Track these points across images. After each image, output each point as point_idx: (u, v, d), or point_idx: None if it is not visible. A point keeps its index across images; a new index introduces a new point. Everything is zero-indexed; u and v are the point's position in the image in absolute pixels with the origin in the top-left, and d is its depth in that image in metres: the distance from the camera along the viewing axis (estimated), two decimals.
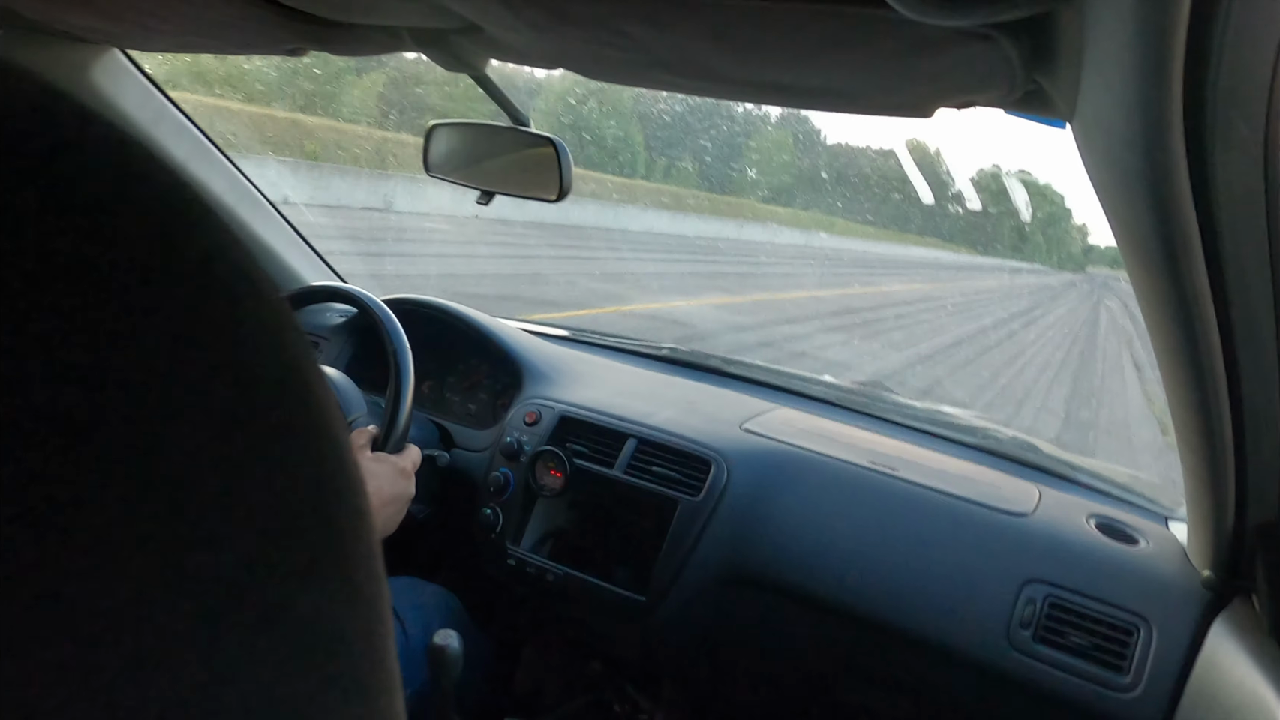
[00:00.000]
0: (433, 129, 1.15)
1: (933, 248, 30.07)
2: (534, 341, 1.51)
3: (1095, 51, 0.46)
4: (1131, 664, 0.93)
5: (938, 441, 1.35)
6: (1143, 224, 0.55)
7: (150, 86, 1.21)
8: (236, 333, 0.15)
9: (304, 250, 1.54)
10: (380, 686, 0.17)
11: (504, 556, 1.25)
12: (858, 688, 1.10)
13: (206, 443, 0.14)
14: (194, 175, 1.31)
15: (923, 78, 0.62)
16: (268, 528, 0.14)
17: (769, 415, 1.34)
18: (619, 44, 0.66)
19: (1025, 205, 29.48)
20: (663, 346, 1.64)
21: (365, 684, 0.16)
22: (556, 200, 1.05)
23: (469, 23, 0.73)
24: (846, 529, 1.11)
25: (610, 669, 1.47)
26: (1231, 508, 0.79)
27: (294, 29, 0.78)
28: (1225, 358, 0.63)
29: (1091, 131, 0.55)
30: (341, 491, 0.16)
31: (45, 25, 0.95)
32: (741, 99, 0.83)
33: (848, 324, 11.17)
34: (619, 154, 22.20)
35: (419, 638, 1.17)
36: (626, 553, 1.23)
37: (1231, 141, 0.45)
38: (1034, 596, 0.99)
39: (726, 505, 1.15)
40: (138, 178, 0.14)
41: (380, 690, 0.17)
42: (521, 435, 1.29)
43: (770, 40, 0.58)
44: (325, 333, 1.53)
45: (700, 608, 1.15)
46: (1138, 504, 1.19)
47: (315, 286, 1.43)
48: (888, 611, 1.04)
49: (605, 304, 8.47)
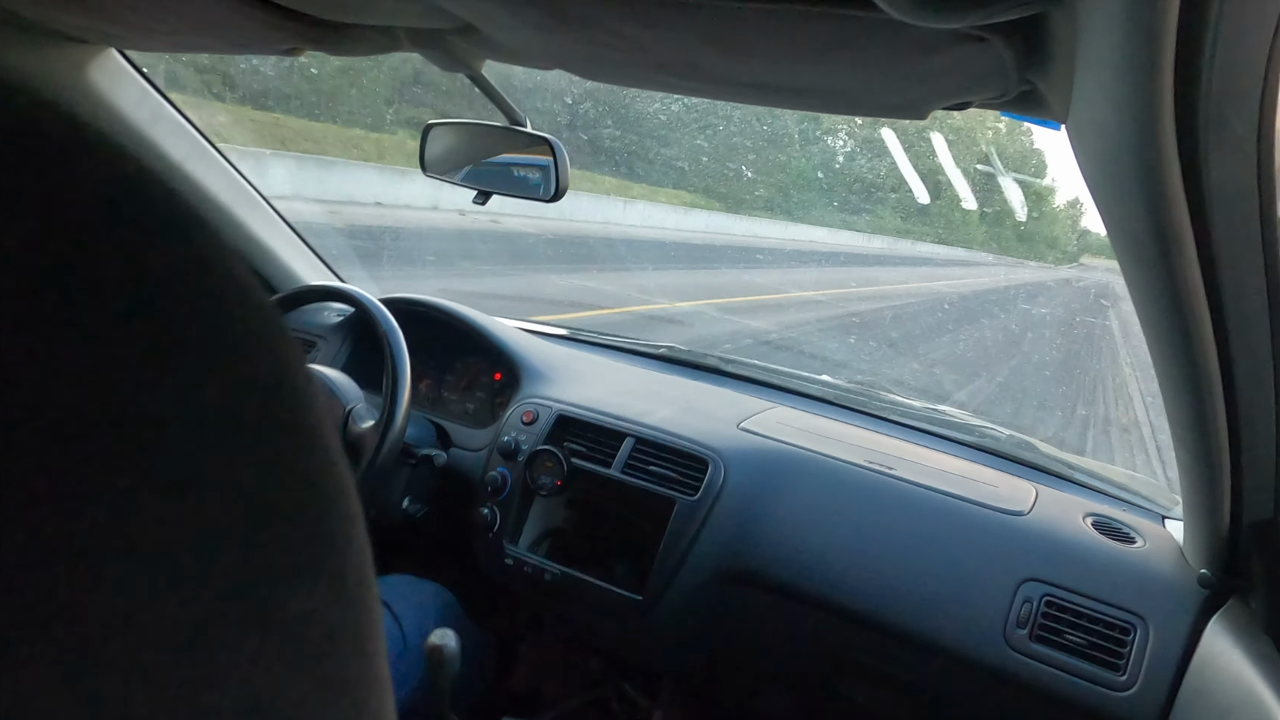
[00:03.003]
0: (429, 128, 1.15)
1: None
2: (531, 340, 1.52)
3: (1087, 52, 0.46)
4: (1128, 662, 0.93)
5: (935, 440, 1.35)
6: (1136, 223, 0.55)
7: (147, 86, 1.21)
8: (227, 338, 0.15)
9: (302, 249, 1.54)
10: (370, 687, 0.17)
11: (501, 555, 1.26)
12: (854, 686, 1.10)
13: (197, 447, 0.14)
14: (191, 175, 1.30)
15: (916, 79, 0.62)
16: (258, 530, 0.15)
17: (766, 414, 1.34)
18: (615, 45, 0.66)
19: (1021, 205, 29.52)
20: (660, 346, 1.64)
21: (355, 685, 0.16)
22: (552, 200, 1.05)
23: (465, 23, 0.73)
24: (843, 528, 1.11)
25: (608, 667, 1.47)
26: (1227, 506, 0.79)
27: (290, 29, 0.78)
28: (1220, 356, 0.63)
29: (1085, 132, 0.55)
30: (331, 494, 0.17)
31: (42, 25, 0.95)
32: (736, 100, 0.83)
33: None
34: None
35: (415, 635, 1.17)
36: (624, 552, 1.23)
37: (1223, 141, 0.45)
38: (1031, 595, 1.00)
39: (724, 504, 1.16)
40: (131, 187, 0.15)
41: (370, 690, 0.17)
42: (519, 434, 1.30)
43: (765, 42, 0.59)
44: (322, 332, 1.53)
45: (698, 606, 1.15)
46: (1134, 503, 1.19)
47: (312, 286, 1.44)
48: (884, 610, 1.04)
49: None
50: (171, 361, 0.14)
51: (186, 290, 0.15)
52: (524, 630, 1.51)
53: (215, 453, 0.14)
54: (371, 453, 1.18)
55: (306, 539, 0.16)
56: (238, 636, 0.14)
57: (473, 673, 1.26)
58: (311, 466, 0.16)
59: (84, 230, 0.13)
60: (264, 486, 0.15)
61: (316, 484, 0.16)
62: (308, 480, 0.16)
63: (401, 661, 1.14)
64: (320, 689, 0.15)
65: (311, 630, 0.15)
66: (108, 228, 0.14)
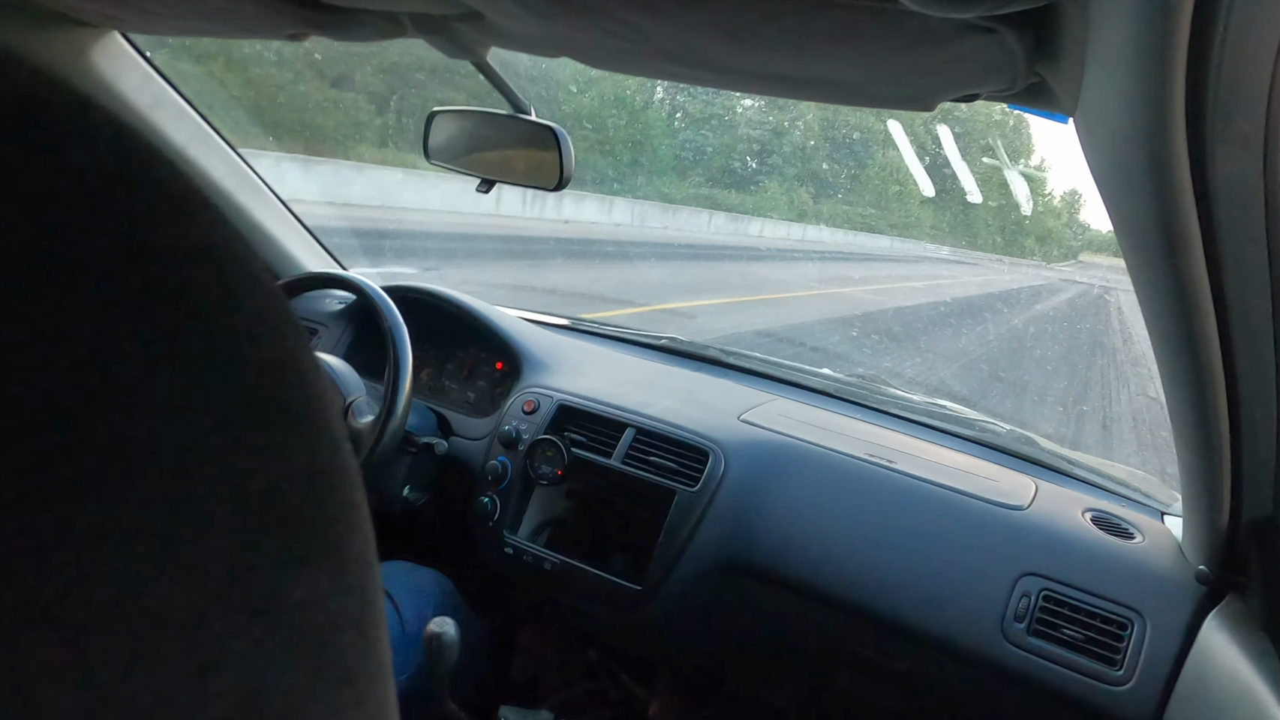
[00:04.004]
0: (433, 116, 1.14)
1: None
2: (533, 330, 1.52)
3: (1098, 45, 0.46)
4: (1125, 657, 0.93)
5: (935, 434, 1.35)
6: (1143, 218, 0.55)
7: (150, 70, 1.20)
8: (232, 321, 0.15)
9: (304, 237, 1.54)
10: (371, 674, 0.17)
11: (501, 544, 1.26)
12: (851, 678, 1.11)
13: (200, 432, 0.14)
14: (193, 160, 1.30)
15: (925, 70, 0.61)
16: (260, 517, 0.14)
17: (767, 406, 1.34)
18: (621, 33, 0.66)
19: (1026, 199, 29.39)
20: (661, 337, 1.64)
21: (356, 672, 0.16)
22: (556, 189, 1.05)
23: (471, 9, 0.72)
24: (843, 521, 1.11)
25: (606, 657, 1.48)
26: (1226, 503, 0.79)
27: (294, 13, 0.78)
28: (1223, 353, 0.63)
29: (1093, 125, 0.55)
30: (335, 481, 0.16)
31: (45, 7, 0.95)
32: (744, 90, 0.83)
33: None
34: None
35: (414, 621, 1.17)
36: (623, 542, 1.23)
37: (1232, 137, 0.45)
38: (1029, 589, 1.00)
39: (723, 496, 1.16)
40: (136, 167, 0.14)
41: (371, 678, 0.17)
42: (520, 424, 1.30)
43: (772, 31, 0.58)
44: (324, 319, 1.53)
45: (696, 597, 1.15)
46: (1133, 499, 1.19)
47: (315, 273, 1.44)
48: (882, 603, 1.05)
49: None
50: (173, 345, 0.14)
51: (189, 273, 0.14)
52: (523, 620, 1.51)
53: (217, 438, 0.14)
54: (371, 444, 1.18)
55: (310, 526, 0.15)
56: (239, 624, 0.14)
57: (471, 660, 1.26)
58: (316, 452, 0.16)
59: (83, 210, 0.13)
60: (267, 472, 0.15)
61: (320, 470, 0.16)
62: (311, 466, 0.16)
63: (400, 647, 1.15)
64: (322, 677, 0.15)
65: (314, 618, 0.15)
66: (108, 207, 0.13)
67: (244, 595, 0.14)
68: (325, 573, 0.16)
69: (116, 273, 0.13)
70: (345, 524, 0.17)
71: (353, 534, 0.17)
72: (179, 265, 0.14)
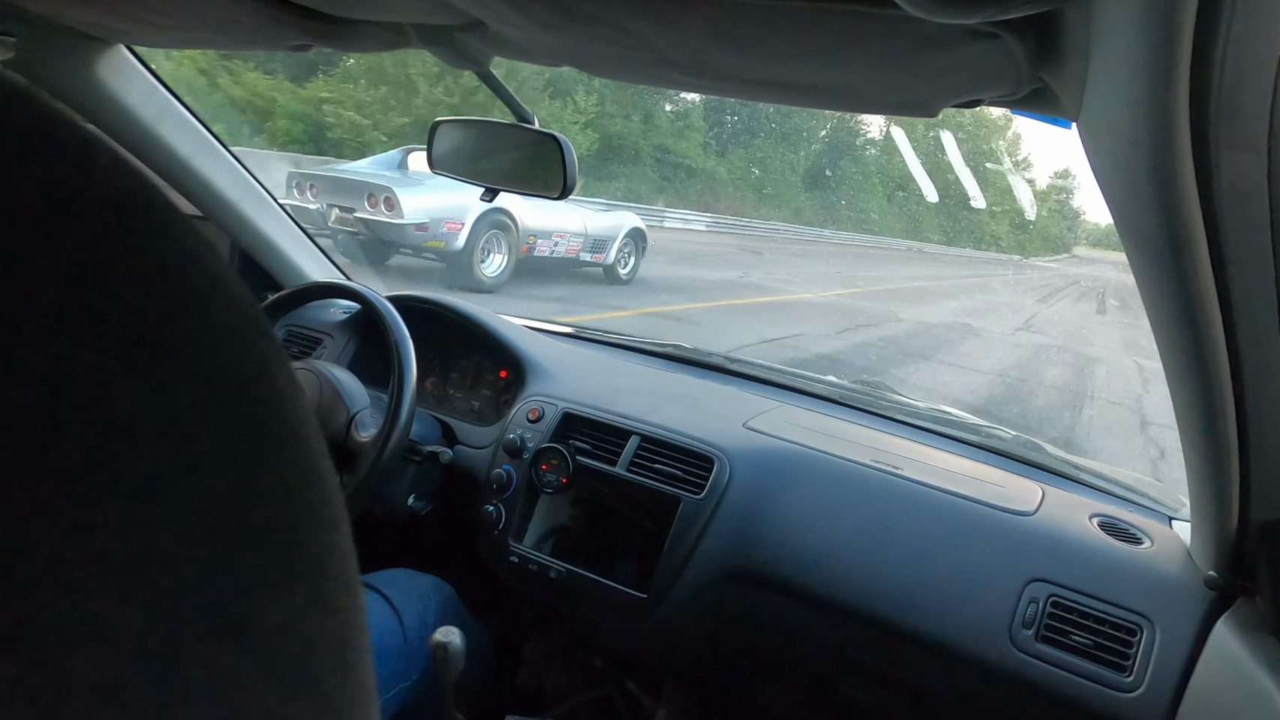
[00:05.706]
0: (437, 126, 1.15)
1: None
2: (537, 338, 1.52)
3: (1101, 50, 0.46)
4: (1134, 663, 0.93)
5: (941, 440, 1.35)
6: (1148, 222, 0.55)
7: (155, 82, 1.21)
8: (202, 337, 0.15)
9: (308, 246, 1.55)
10: (351, 699, 0.16)
11: (506, 553, 1.26)
12: (859, 685, 1.10)
13: (168, 449, 0.13)
14: (198, 171, 1.31)
15: (928, 76, 0.61)
16: (231, 539, 0.14)
17: (772, 413, 1.34)
18: (623, 41, 0.66)
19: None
20: (666, 344, 1.64)
21: (335, 697, 0.16)
22: (559, 197, 1.05)
23: (474, 19, 0.73)
24: (849, 527, 1.11)
25: (612, 666, 1.47)
26: (1235, 507, 0.78)
27: (299, 25, 0.78)
28: (1229, 356, 0.63)
29: (1097, 130, 0.55)
30: (312, 499, 0.16)
31: (52, 21, 0.95)
32: (747, 97, 0.83)
33: None
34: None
35: (416, 629, 1.17)
36: (629, 550, 1.23)
37: (1236, 140, 0.45)
38: (1037, 595, 0.99)
39: (729, 503, 1.16)
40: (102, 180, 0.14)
41: (351, 703, 0.16)
42: (524, 432, 1.30)
43: (775, 38, 0.58)
44: (328, 329, 1.53)
45: (702, 605, 1.15)
46: (1141, 503, 1.19)
47: (319, 283, 1.44)
48: (890, 610, 1.04)
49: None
50: (140, 362, 0.13)
51: (158, 288, 0.14)
52: (528, 628, 1.51)
53: (187, 458, 0.13)
54: (376, 454, 1.18)
55: (285, 547, 0.15)
56: (211, 650, 0.13)
57: (476, 669, 1.26)
58: (291, 472, 0.16)
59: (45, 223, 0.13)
60: (239, 493, 0.14)
61: (295, 490, 0.16)
62: (286, 486, 0.15)
63: (402, 655, 1.14)
64: (299, 703, 0.15)
65: (289, 642, 0.15)
66: (72, 221, 0.13)
67: (214, 621, 0.13)
68: (301, 594, 0.15)
69: (77, 289, 0.13)
70: (322, 543, 0.16)
71: (330, 553, 0.16)
72: (145, 281, 0.14)
